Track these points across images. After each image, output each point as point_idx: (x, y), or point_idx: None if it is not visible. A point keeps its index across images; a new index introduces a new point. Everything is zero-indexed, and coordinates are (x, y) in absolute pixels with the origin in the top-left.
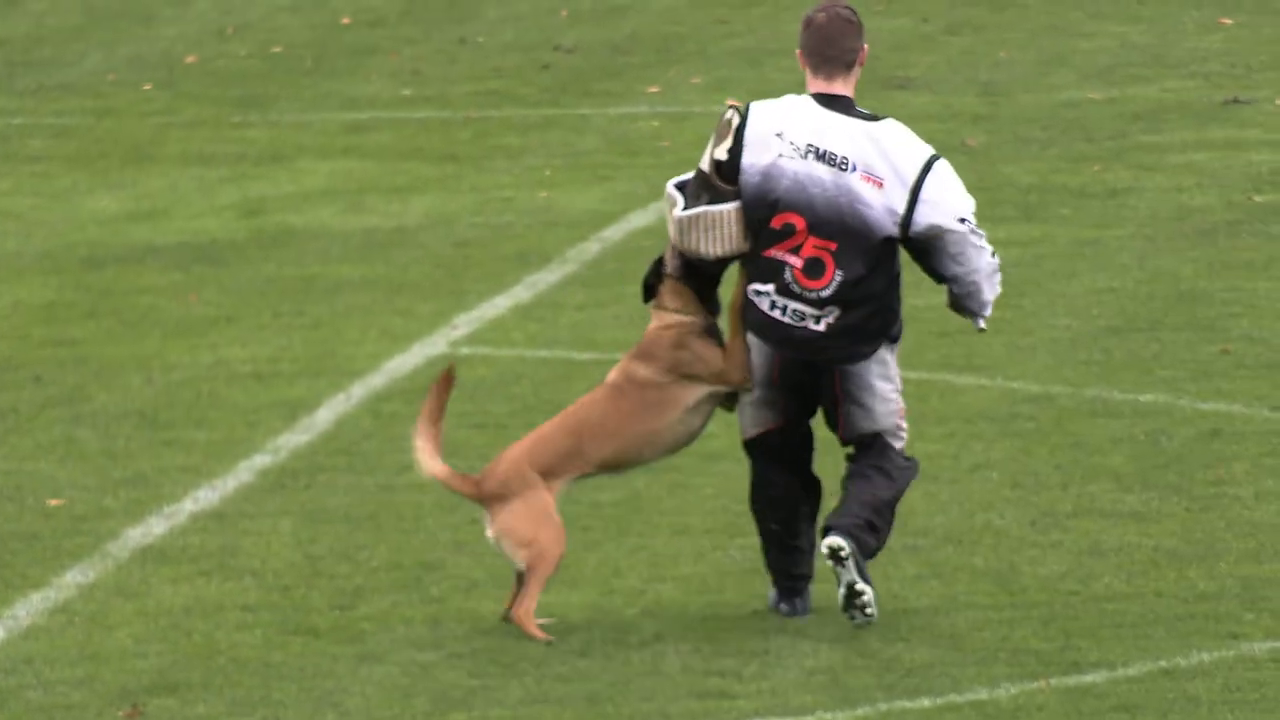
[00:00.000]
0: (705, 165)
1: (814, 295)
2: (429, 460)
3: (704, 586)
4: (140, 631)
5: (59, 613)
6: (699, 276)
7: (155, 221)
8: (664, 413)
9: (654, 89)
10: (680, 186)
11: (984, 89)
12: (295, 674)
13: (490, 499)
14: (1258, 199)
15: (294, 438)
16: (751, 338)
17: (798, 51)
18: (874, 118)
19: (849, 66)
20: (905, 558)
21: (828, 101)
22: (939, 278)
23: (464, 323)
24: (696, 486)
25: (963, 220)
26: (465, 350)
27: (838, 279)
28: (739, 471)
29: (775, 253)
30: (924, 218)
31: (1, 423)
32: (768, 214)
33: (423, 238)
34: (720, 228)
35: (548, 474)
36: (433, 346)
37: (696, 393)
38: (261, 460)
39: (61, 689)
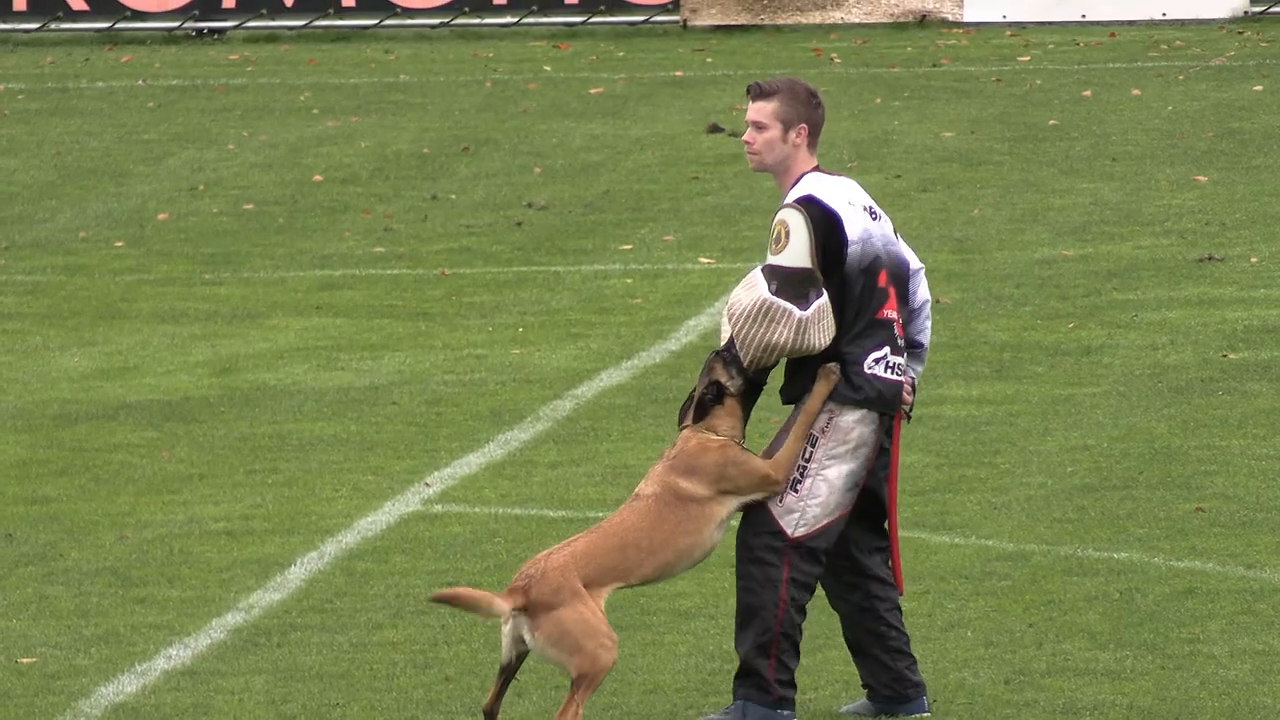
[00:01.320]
0: (803, 263)
1: (902, 343)
2: (491, 599)
3: None
4: None
5: None
6: (754, 394)
7: (127, 379)
8: (704, 527)
9: (627, 246)
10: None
11: (957, 246)
12: None
13: (539, 606)
14: (1232, 356)
15: (267, 595)
16: (871, 425)
17: (802, 126)
18: (843, 173)
19: None
20: (881, 718)
21: (824, 169)
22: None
23: (437, 480)
24: (669, 644)
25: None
26: (438, 508)
27: (903, 321)
28: (712, 629)
29: (885, 313)
30: (907, 250)
31: None
32: (867, 276)
33: (395, 395)
34: (828, 318)
35: (591, 585)
36: (406, 504)
37: (733, 505)
38: (234, 618)
39: None
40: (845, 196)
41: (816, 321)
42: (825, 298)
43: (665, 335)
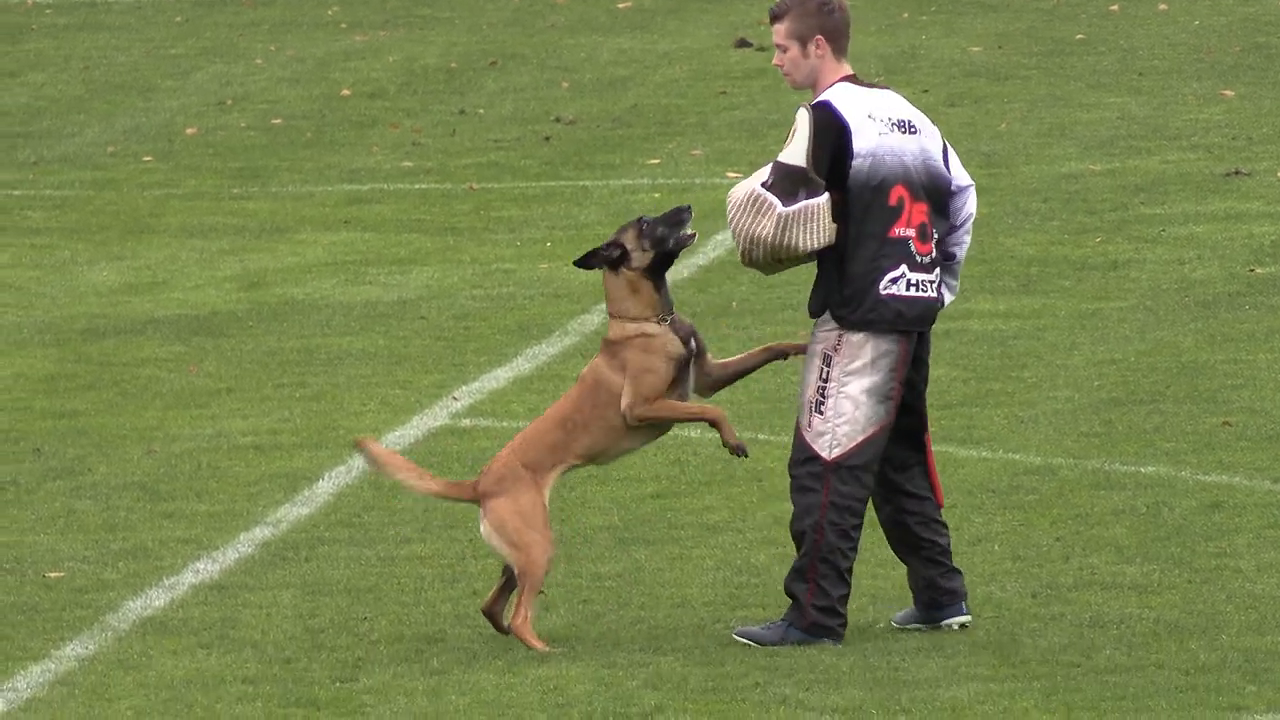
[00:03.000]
0: (798, 161)
1: (927, 260)
2: (422, 480)
3: (704, 658)
4: (141, 704)
5: (59, 685)
6: (663, 267)
7: (155, 293)
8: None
9: (654, 161)
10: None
11: (985, 160)
12: None
13: (484, 496)
14: (1259, 271)
15: (294, 510)
16: (886, 337)
17: (818, 36)
18: (886, 85)
19: None
20: (907, 631)
21: (859, 80)
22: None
23: (464, 394)
24: (696, 558)
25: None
26: (466, 422)
27: (934, 238)
28: (739, 543)
29: (898, 230)
30: (956, 167)
31: (2, 495)
32: (876, 194)
33: (423, 309)
34: (818, 219)
35: (538, 468)
36: (434, 418)
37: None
38: (262, 532)
39: None
40: (867, 109)
41: (801, 222)
42: (820, 200)
43: (693, 250)
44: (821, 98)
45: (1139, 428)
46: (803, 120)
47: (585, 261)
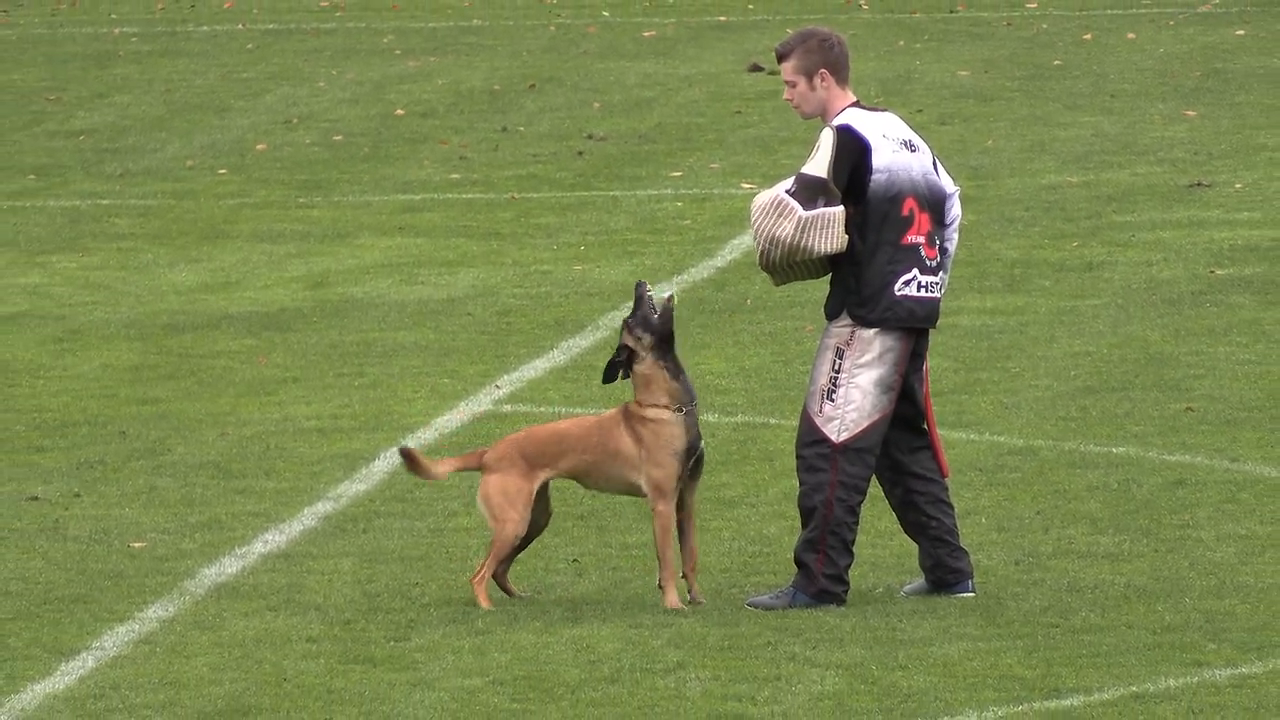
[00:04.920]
0: (820, 173)
1: (934, 264)
2: (435, 465)
3: (722, 620)
4: (215, 660)
5: (142, 644)
6: (669, 343)
7: (229, 292)
8: (617, 458)
9: (677, 173)
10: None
11: (973, 173)
12: (355, 699)
13: (485, 468)
14: (1218, 272)
15: (353, 486)
16: (894, 333)
17: (822, 70)
18: (886, 108)
19: None
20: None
21: (863, 104)
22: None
23: (506, 383)
24: (714, 530)
25: None
26: (507, 408)
27: (937, 244)
28: (753, 516)
29: (910, 238)
30: (944, 175)
31: (91, 473)
32: (891, 205)
33: (469, 306)
34: (834, 226)
35: (533, 464)
36: (478, 404)
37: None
38: (324, 506)
39: (144, 712)
40: (881, 130)
41: (819, 226)
42: (837, 211)
43: (712, 253)
44: (841, 121)
45: (1111, 413)
46: (827, 139)
47: (610, 375)
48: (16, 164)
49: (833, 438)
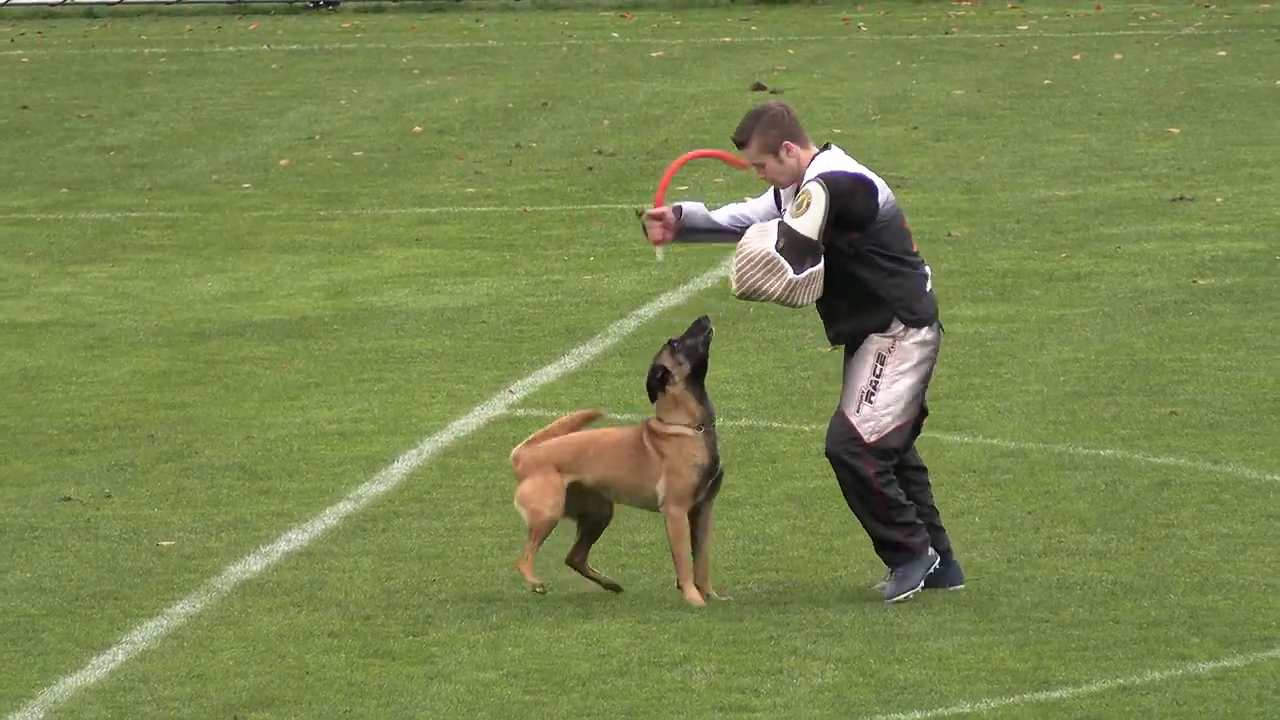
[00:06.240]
0: (811, 234)
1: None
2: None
3: (726, 615)
4: (240, 654)
5: (170, 638)
6: (701, 373)
7: (253, 301)
8: (642, 475)
9: (683, 188)
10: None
11: (966, 187)
12: (375, 691)
13: (525, 469)
14: (1201, 282)
15: (373, 487)
16: (932, 327)
17: (784, 143)
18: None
19: None
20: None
21: (821, 147)
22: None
23: (520, 388)
24: (719, 529)
25: None
26: (521, 412)
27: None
28: (756, 516)
29: (914, 246)
30: None
31: (121, 475)
32: (899, 221)
33: (484, 315)
34: (816, 282)
35: (561, 469)
36: (492, 409)
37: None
38: (345, 507)
39: (172, 704)
40: (850, 162)
41: (805, 285)
42: (819, 268)
43: (715, 264)
44: (822, 171)
45: (1098, 417)
46: (819, 196)
47: (652, 396)
48: (50, 178)
49: (865, 437)
